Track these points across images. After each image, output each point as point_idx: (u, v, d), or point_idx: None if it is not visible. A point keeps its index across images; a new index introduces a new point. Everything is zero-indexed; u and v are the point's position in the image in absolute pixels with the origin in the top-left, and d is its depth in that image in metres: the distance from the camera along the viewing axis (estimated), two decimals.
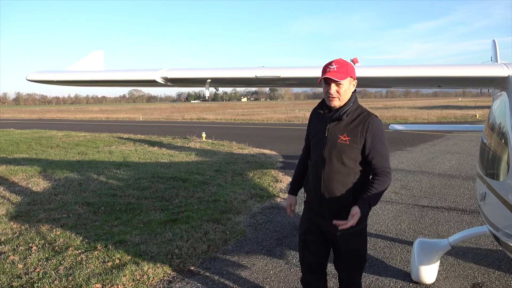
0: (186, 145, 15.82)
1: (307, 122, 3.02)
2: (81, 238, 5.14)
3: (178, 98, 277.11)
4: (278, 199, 7.21)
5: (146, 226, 5.62)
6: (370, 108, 49.17)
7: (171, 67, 4.16)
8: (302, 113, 40.89)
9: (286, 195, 7.29)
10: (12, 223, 5.83)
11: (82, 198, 7.14)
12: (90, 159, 11.97)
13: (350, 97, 2.68)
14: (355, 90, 2.74)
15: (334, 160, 2.64)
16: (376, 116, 2.68)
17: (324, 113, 2.76)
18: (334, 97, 2.65)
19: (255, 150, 14.00)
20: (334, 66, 2.60)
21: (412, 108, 49.15)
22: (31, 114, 63.50)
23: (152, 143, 16.40)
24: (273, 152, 13.51)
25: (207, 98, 4.56)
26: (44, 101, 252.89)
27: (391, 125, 9.17)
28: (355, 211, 2.49)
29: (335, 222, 2.55)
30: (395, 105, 59.42)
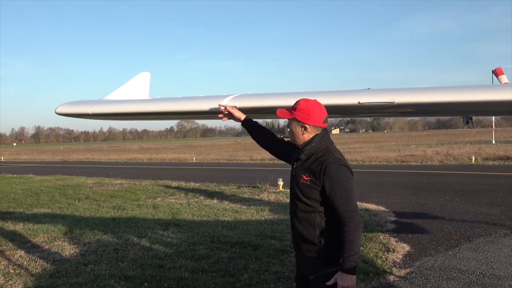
0: (257, 196, 16.01)
1: (429, 162, 3.37)
2: None
3: (244, 131, 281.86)
4: (391, 278, 6.98)
5: None
6: None
7: (239, 92, 4.32)
8: (421, 149, 39.77)
9: (402, 271, 7.02)
10: None
11: (119, 270, 7.45)
12: (129, 216, 12.53)
13: (312, 138, 3.65)
14: (324, 131, 3.69)
15: (298, 199, 3.64)
16: (338, 158, 3.56)
17: (295, 151, 3.80)
18: (289, 134, 3.79)
19: None
20: (293, 104, 3.72)
21: None
22: (54, 154, 68.32)
23: (210, 194, 16.83)
24: (381, 208, 13.22)
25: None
26: (70, 137, 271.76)
27: None
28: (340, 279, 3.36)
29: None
30: None
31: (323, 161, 3.52)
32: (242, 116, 4.28)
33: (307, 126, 3.64)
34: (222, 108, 4.33)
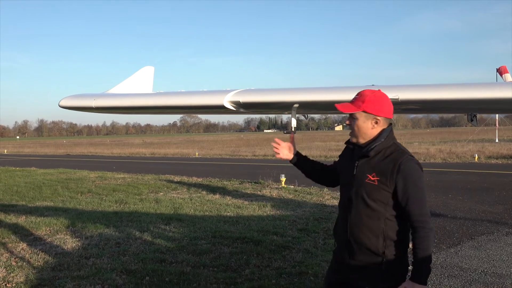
0: (259, 192, 16.00)
1: (431, 160, 3.32)
2: None
3: (247, 127, 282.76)
4: None
5: None
6: None
7: (242, 88, 4.31)
8: (424, 147, 39.68)
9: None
10: None
11: (120, 264, 7.46)
12: (131, 210, 12.55)
13: (380, 133, 3.28)
14: (390, 125, 3.34)
15: (361, 202, 3.24)
16: (411, 155, 3.25)
17: (354, 148, 3.40)
18: (350, 131, 3.37)
19: None
20: (355, 97, 3.34)
21: None
22: (57, 148, 68.40)
23: (213, 189, 16.84)
24: None
25: (292, 129, 4.65)
26: (73, 130, 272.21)
27: None
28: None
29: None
30: None
31: (395, 158, 3.20)
32: (291, 155, 4.03)
33: (379, 118, 3.29)
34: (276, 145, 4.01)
